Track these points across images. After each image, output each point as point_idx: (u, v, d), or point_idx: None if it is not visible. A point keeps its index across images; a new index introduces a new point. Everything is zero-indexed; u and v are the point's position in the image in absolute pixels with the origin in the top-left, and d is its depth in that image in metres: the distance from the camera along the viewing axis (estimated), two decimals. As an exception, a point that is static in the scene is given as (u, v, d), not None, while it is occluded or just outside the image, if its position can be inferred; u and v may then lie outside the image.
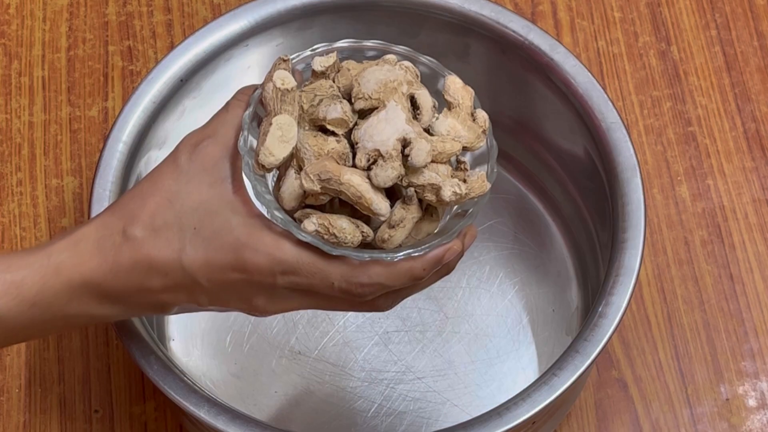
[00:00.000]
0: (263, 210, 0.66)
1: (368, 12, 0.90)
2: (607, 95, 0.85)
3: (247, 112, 0.67)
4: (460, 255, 0.68)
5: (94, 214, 0.81)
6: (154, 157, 0.88)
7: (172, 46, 1.01)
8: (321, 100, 0.67)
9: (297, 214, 0.66)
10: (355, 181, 0.64)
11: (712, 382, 0.93)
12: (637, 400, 0.92)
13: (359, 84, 0.66)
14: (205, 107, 0.92)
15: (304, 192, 0.65)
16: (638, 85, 1.03)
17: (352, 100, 0.67)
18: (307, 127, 0.67)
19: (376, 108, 0.66)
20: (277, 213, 0.65)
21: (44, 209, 0.99)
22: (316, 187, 0.64)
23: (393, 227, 0.66)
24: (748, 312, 0.95)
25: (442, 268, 0.68)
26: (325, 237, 0.65)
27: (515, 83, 0.91)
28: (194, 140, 0.67)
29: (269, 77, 0.66)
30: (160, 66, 0.86)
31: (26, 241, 0.98)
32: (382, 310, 0.68)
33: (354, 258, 0.65)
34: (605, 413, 0.92)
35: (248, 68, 0.92)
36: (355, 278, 0.65)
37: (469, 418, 0.81)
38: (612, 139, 0.83)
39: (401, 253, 0.66)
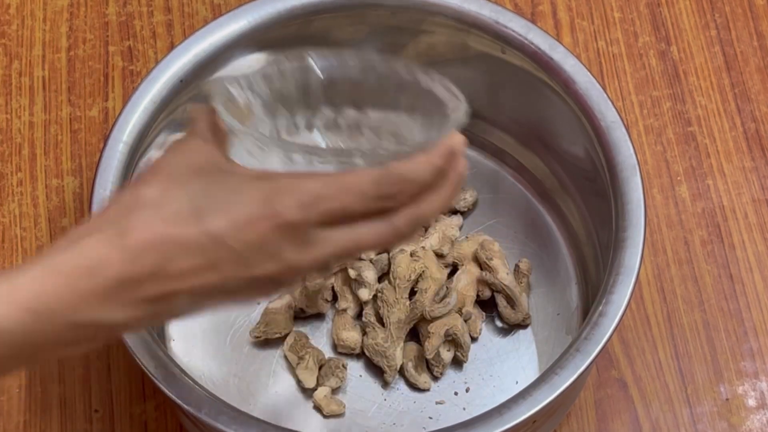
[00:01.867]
0: None
1: (368, 12, 0.90)
2: (607, 95, 0.85)
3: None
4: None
5: (94, 214, 0.81)
6: (154, 157, 0.88)
7: (172, 46, 1.01)
8: None
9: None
10: None
11: (711, 381, 0.93)
12: (637, 399, 0.92)
13: None
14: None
15: None
16: (638, 85, 1.03)
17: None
18: None
19: None
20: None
21: (44, 209, 0.99)
22: None
23: None
24: (748, 312, 0.95)
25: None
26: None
27: (515, 83, 0.91)
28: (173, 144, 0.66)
29: None
30: (160, 66, 0.86)
31: (26, 241, 0.98)
32: (424, 223, 0.65)
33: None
34: (605, 413, 0.92)
35: (248, 68, 0.92)
36: (385, 177, 0.62)
37: (469, 417, 0.81)
38: (612, 139, 0.83)
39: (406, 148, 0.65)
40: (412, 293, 0.90)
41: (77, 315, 0.60)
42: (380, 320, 0.89)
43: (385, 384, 0.90)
